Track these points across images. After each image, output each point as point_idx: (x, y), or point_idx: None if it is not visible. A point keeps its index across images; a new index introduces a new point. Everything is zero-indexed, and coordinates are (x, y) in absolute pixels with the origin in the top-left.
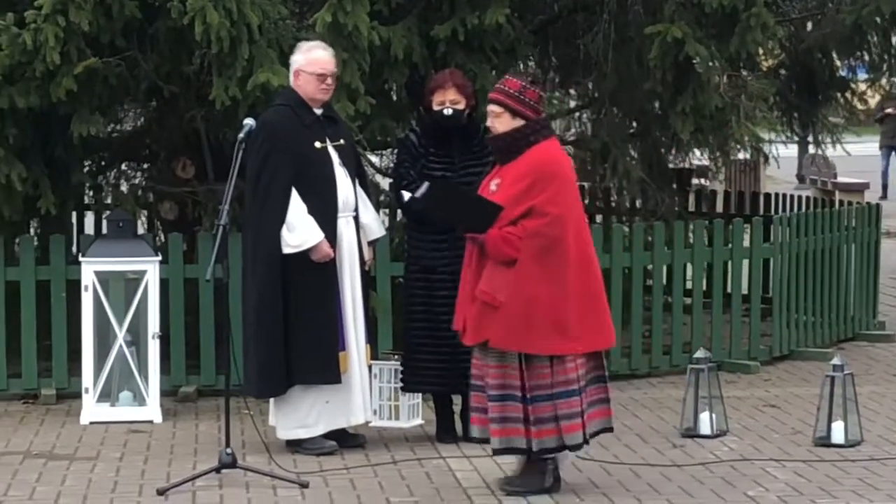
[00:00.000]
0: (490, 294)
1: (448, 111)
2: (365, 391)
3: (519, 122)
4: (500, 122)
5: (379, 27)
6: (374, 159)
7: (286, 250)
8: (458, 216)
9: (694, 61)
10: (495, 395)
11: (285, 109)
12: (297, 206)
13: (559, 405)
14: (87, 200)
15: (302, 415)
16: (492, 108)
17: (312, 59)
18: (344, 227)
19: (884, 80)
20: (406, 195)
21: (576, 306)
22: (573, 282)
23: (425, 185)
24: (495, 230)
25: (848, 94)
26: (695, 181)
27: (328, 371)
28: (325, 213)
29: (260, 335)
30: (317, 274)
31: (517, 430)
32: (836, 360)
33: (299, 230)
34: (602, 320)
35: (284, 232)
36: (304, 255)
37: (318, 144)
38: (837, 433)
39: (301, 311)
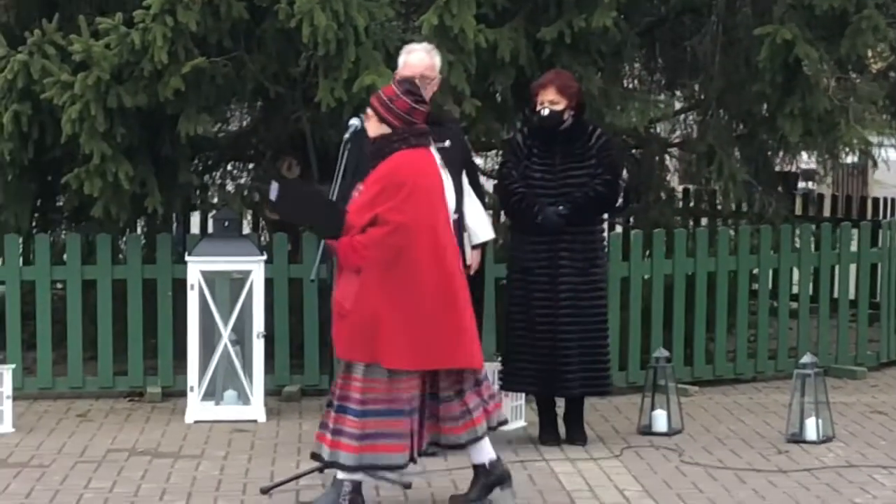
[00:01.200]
0: (339, 303)
1: (545, 111)
2: None
3: (385, 129)
4: (370, 126)
5: (485, 29)
6: (479, 161)
7: None
8: (308, 218)
9: (803, 63)
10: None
11: None
12: None
13: (381, 423)
14: (193, 200)
15: None
16: (367, 111)
17: (407, 62)
18: None
19: None
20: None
21: (421, 321)
22: (422, 295)
23: (274, 185)
24: (346, 237)
25: None
26: (801, 185)
27: None
28: None
29: None
30: None
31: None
32: None
33: None
34: (452, 338)
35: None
36: None
37: None
38: None
39: None
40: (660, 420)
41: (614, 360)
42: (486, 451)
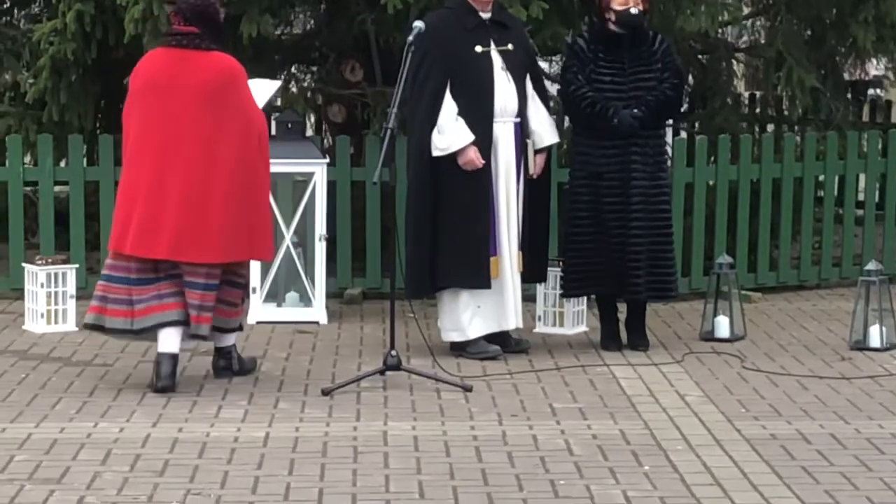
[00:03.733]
0: None
1: (635, 10)
2: (517, 297)
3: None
4: None
5: None
6: (544, 65)
7: (435, 153)
8: None
9: None
10: None
11: (447, 13)
12: (448, 109)
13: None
14: None
15: (455, 318)
16: None
17: None
18: (500, 132)
19: None
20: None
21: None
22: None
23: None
24: None
25: None
26: (870, 91)
27: (477, 276)
28: (479, 117)
29: (409, 236)
30: (469, 178)
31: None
32: None
33: (447, 133)
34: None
35: (435, 134)
36: (456, 159)
37: (478, 48)
38: None
39: (452, 214)
40: (722, 326)
41: (678, 266)
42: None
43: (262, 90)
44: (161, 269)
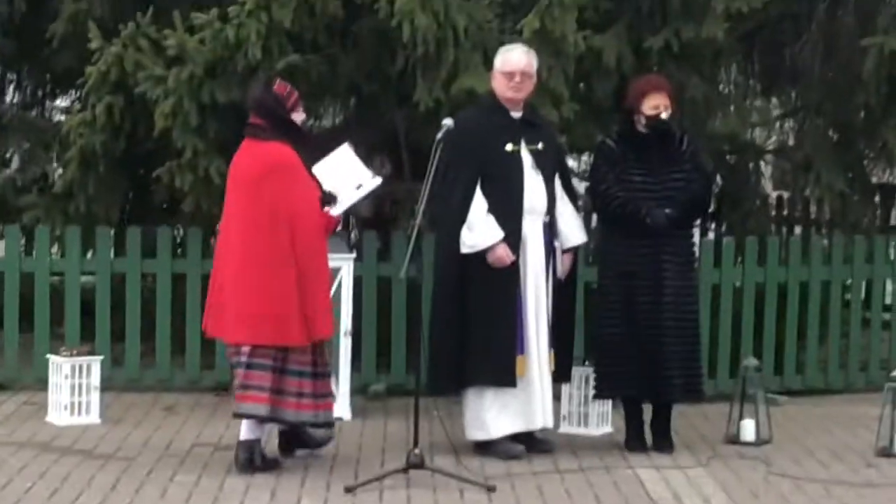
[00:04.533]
0: None
1: (665, 115)
2: (547, 397)
3: None
4: None
5: (591, 36)
6: (573, 163)
7: (464, 250)
8: None
9: None
10: None
11: (478, 111)
12: (478, 206)
13: None
14: None
15: (480, 416)
16: None
17: (504, 59)
18: (530, 230)
19: None
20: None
21: None
22: None
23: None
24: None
25: None
26: None
27: (503, 374)
28: (508, 214)
29: (435, 332)
30: (497, 276)
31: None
32: None
33: (477, 230)
34: None
35: (464, 231)
36: (485, 256)
37: (509, 147)
38: None
39: (479, 312)
40: (748, 429)
41: (704, 368)
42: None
43: (351, 183)
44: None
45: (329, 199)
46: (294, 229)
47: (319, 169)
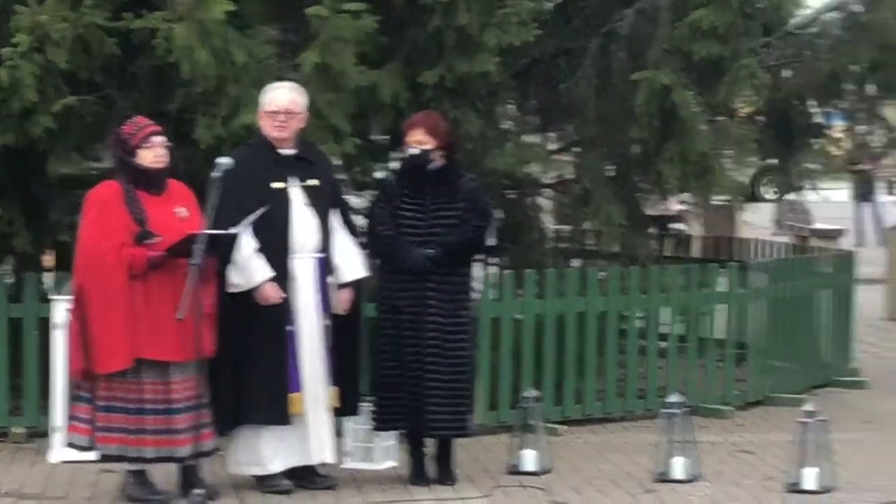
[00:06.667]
0: None
1: (414, 150)
2: (324, 433)
3: None
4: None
5: (367, 71)
6: (356, 200)
7: (230, 289)
8: None
9: (680, 108)
10: None
11: (247, 150)
12: (245, 245)
13: None
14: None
15: (257, 453)
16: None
17: (268, 98)
18: (300, 269)
19: (858, 128)
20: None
21: None
22: None
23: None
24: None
25: (823, 141)
26: (672, 226)
27: (276, 413)
28: (275, 253)
29: (212, 372)
30: (266, 314)
31: None
32: (808, 406)
33: (245, 269)
34: None
35: (229, 270)
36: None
37: (275, 185)
38: (809, 479)
39: (249, 351)
40: (528, 459)
41: (485, 400)
42: None
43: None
44: None
45: (145, 235)
46: (77, 263)
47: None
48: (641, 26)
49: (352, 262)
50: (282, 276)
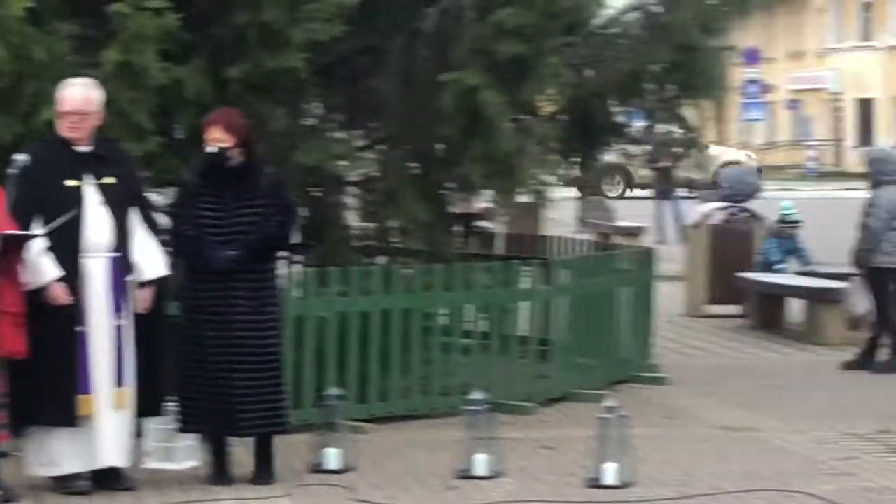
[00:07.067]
0: None
1: (211, 148)
2: (115, 436)
3: None
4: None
5: (172, 68)
6: (159, 198)
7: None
8: None
9: (486, 108)
10: None
11: (44, 146)
12: (35, 244)
13: None
14: None
15: (50, 454)
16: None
17: (61, 97)
18: (93, 268)
19: (659, 127)
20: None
21: None
22: None
23: None
24: None
25: (623, 140)
26: (477, 223)
27: (63, 413)
28: (66, 251)
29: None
30: (54, 315)
31: None
32: (608, 402)
33: (31, 269)
34: None
35: (19, 269)
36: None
37: (69, 183)
38: (609, 474)
39: (39, 351)
40: (331, 457)
41: (289, 399)
42: None
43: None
44: None
45: None
46: None
47: None
48: (446, 25)
49: (152, 261)
50: (73, 276)
